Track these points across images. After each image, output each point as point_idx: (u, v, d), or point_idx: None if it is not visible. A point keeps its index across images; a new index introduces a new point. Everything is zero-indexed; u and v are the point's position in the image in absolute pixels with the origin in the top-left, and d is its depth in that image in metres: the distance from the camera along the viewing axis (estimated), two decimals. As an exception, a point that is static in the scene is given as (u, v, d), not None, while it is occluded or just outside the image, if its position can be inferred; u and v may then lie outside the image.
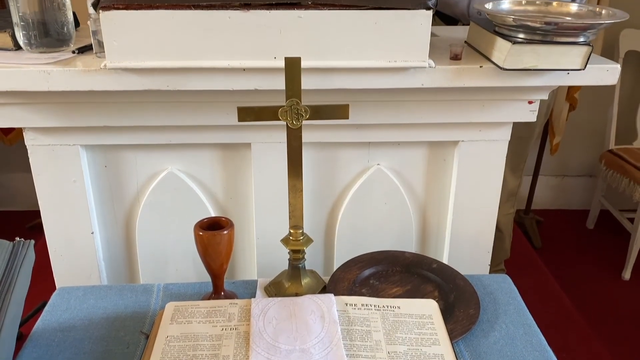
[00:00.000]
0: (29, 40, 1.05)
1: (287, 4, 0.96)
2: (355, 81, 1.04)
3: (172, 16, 0.94)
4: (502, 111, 1.15)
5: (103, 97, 1.05)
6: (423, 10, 0.98)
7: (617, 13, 1.01)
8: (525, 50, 0.99)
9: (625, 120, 2.56)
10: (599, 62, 1.07)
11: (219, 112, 1.11)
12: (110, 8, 0.93)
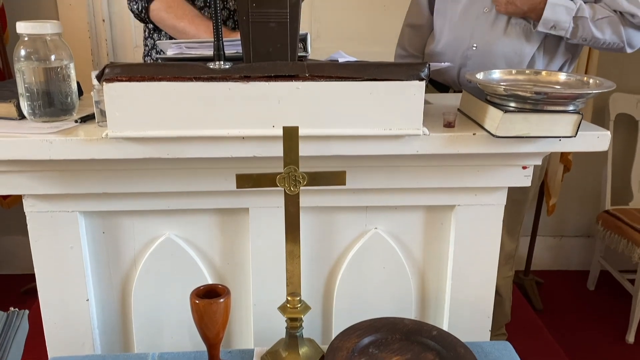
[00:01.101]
0: (33, 110, 1.08)
1: (285, 76, 1.00)
2: (352, 148, 1.06)
3: (174, 87, 0.97)
4: (496, 176, 1.17)
5: (103, 165, 1.07)
6: (416, 82, 1.01)
7: (604, 83, 1.05)
8: (517, 118, 1.02)
9: (620, 180, 2.59)
10: (590, 129, 1.09)
11: (217, 178, 1.12)
12: (114, 80, 0.96)
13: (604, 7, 1.46)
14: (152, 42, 1.55)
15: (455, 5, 1.58)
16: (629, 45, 1.51)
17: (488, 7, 1.52)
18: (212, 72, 0.99)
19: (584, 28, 1.45)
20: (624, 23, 1.46)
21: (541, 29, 1.46)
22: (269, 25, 1.00)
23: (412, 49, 1.78)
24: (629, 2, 1.45)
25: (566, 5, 1.44)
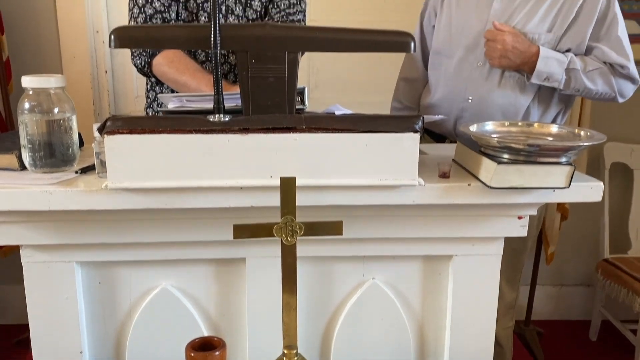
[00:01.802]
0: (34, 161, 1.09)
1: (283, 128, 1.02)
2: (349, 198, 1.07)
3: (174, 140, 0.99)
4: (492, 226, 1.17)
5: (102, 215, 1.08)
6: (411, 134, 1.03)
7: (595, 135, 1.07)
8: (511, 170, 1.03)
9: (617, 228, 2.60)
10: (583, 180, 1.11)
11: (214, 228, 1.13)
12: (115, 132, 0.98)
13: (594, 59, 1.51)
14: (154, 95, 1.59)
15: (449, 59, 1.63)
16: (620, 95, 1.54)
17: (481, 61, 1.57)
18: (212, 125, 1.01)
19: (577, 79, 1.49)
20: (615, 74, 1.51)
21: (535, 80, 1.50)
22: (268, 80, 1.03)
23: (407, 102, 1.82)
24: (618, 54, 1.50)
25: (558, 58, 1.48)
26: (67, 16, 2.33)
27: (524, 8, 1.52)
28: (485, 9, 1.56)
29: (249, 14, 1.51)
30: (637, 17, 2.42)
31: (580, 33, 1.50)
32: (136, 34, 1.03)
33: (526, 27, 1.51)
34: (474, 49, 1.58)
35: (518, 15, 1.52)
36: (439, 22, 1.67)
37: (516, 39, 1.48)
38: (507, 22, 1.52)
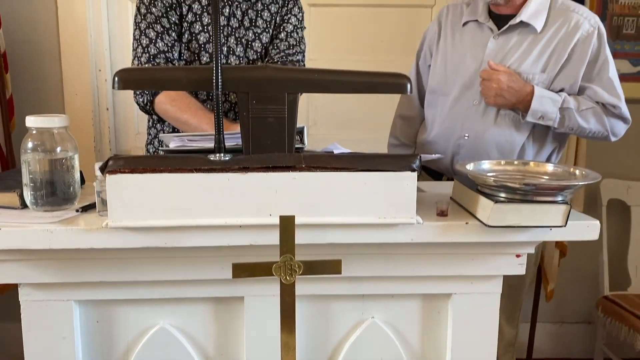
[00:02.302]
0: (35, 200, 1.10)
1: (282, 167, 1.03)
2: (348, 236, 1.08)
3: (174, 179, 1.01)
4: (491, 264, 1.18)
5: (102, 254, 1.08)
6: (408, 172, 1.05)
7: (590, 174, 1.09)
8: (508, 208, 1.04)
9: (617, 265, 2.59)
10: (580, 219, 1.12)
11: (213, 266, 1.13)
12: (117, 172, 0.99)
13: (587, 99, 1.54)
14: (155, 132, 1.61)
15: (445, 98, 1.66)
16: (613, 134, 1.57)
17: (477, 99, 1.60)
18: (212, 164, 1.02)
19: (570, 118, 1.52)
20: (607, 113, 1.54)
21: (530, 119, 1.53)
22: (268, 120, 1.05)
23: (404, 139, 1.85)
24: (610, 95, 1.53)
25: (552, 97, 1.52)
26: (70, 55, 2.38)
27: (518, 49, 1.56)
28: (480, 49, 1.60)
29: (249, 55, 1.55)
30: (629, 56, 2.48)
31: (573, 74, 1.54)
32: (139, 76, 1.05)
33: (521, 67, 1.55)
34: (470, 88, 1.61)
35: (513, 55, 1.56)
36: (434, 61, 1.71)
37: (511, 79, 1.51)
38: (502, 62, 1.56)
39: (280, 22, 1.57)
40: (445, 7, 1.72)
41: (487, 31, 1.60)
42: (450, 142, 1.65)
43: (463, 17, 1.65)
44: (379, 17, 2.53)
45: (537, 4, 1.55)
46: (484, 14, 1.61)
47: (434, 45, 1.71)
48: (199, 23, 1.49)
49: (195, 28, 1.49)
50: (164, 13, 1.47)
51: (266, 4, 1.56)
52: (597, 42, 1.54)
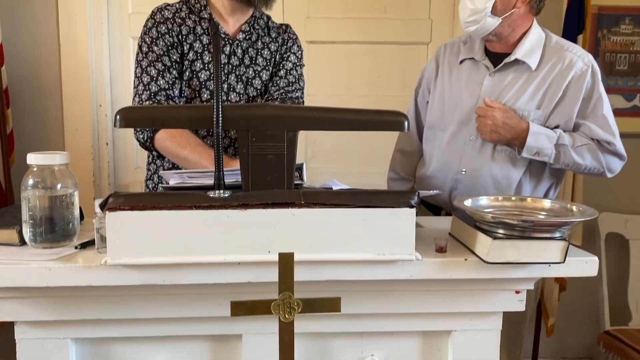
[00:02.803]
0: (34, 237, 1.10)
1: (281, 204, 1.04)
2: (346, 273, 1.08)
3: (174, 216, 1.01)
4: (490, 301, 1.17)
5: (99, 291, 1.07)
6: (407, 209, 1.05)
7: (587, 210, 1.09)
8: (506, 245, 1.05)
9: (617, 299, 2.57)
10: (578, 255, 1.12)
11: (211, 304, 1.12)
12: (117, 209, 1.00)
13: (582, 136, 1.56)
14: (154, 167, 1.62)
15: (443, 133, 1.68)
16: (609, 170, 1.58)
17: (474, 135, 1.62)
18: (212, 201, 1.03)
19: (566, 154, 1.54)
20: (602, 150, 1.55)
21: (525, 155, 1.55)
22: (267, 157, 1.06)
23: (404, 173, 1.86)
24: (604, 132, 1.55)
25: (547, 134, 1.53)
26: (71, 91, 2.41)
27: (513, 86, 1.59)
28: (476, 86, 1.63)
29: (250, 92, 1.57)
30: (622, 92, 2.52)
31: (568, 111, 1.56)
32: (140, 115, 1.07)
33: (516, 104, 1.57)
34: (467, 124, 1.63)
35: (508, 92, 1.59)
36: (432, 97, 1.74)
37: (506, 115, 1.53)
38: (498, 99, 1.58)
39: (280, 60, 1.60)
40: (443, 46, 1.76)
41: (483, 69, 1.63)
42: (448, 177, 1.67)
43: (460, 55, 1.68)
44: (375, 54, 2.58)
45: (531, 42, 1.58)
46: (480, 52, 1.64)
47: (432, 82, 1.74)
48: (200, 61, 1.52)
49: (196, 66, 1.52)
50: (166, 51, 1.50)
51: (266, 43, 1.59)
52: (591, 80, 1.57)
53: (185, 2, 1.57)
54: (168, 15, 1.53)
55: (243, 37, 1.56)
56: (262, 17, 1.62)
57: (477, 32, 1.56)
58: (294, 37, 1.65)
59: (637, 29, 2.48)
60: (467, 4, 1.53)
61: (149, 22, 1.54)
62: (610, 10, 2.46)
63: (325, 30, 2.55)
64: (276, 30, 1.63)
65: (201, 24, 1.55)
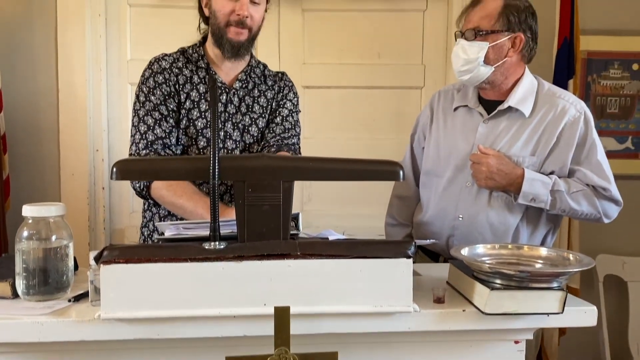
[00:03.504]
0: (27, 290, 1.09)
1: (277, 255, 1.03)
2: (343, 326, 1.06)
3: (169, 269, 1.00)
4: (489, 352, 1.15)
5: (92, 345, 1.05)
6: (404, 259, 1.05)
7: (584, 259, 1.09)
8: (504, 295, 1.04)
9: (617, 341, 2.54)
10: (577, 304, 1.12)
11: (206, 358, 1.10)
12: (111, 262, 0.99)
13: (577, 182, 1.57)
14: (150, 215, 1.61)
15: (439, 179, 1.69)
16: (605, 216, 1.59)
17: (470, 181, 1.62)
18: (207, 253, 1.02)
19: (562, 200, 1.54)
20: (598, 196, 1.56)
21: (521, 201, 1.55)
22: (263, 207, 1.07)
23: (401, 219, 1.85)
24: (599, 177, 1.56)
25: (542, 180, 1.54)
26: (69, 136, 2.42)
27: (507, 133, 1.61)
28: (471, 133, 1.65)
29: (246, 139, 1.59)
30: (614, 134, 2.55)
31: (562, 157, 1.58)
32: (137, 167, 1.07)
33: (510, 150, 1.58)
34: (462, 170, 1.64)
35: (502, 139, 1.60)
36: (428, 144, 1.75)
37: (501, 162, 1.54)
38: (492, 146, 1.60)
39: (276, 107, 1.62)
40: (437, 93, 1.79)
41: (477, 116, 1.65)
42: (445, 223, 1.67)
43: (454, 103, 1.71)
44: (370, 98, 2.62)
45: (524, 90, 1.61)
46: (474, 100, 1.66)
47: (427, 129, 1.76)
48: (197, 109, 1.54)
49: (193, 114, 1.54)
50: (162, 101, 1.52)
51: (263, 90, 1.62)
52: (584, 126, 1.59)
53: (183, 53, 1.60)
54: (165, 66, 1.56)
55: (240, 86, 1.59)
56: (258, 66, 1.65)
57: (471, 80, 1.59)
58: (290, 85, 1.68)
59: (626, 73, 2.53)
60: (460, 53, 1.57)
61: (147, 72, 1.56)
62: (599, 56, 2.52)
63: (321, 76, 2.59)
64: (272, 78, 1.65)
65: (198, 73, 1.57)
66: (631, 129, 2.56)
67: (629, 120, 2.56)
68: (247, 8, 1.48)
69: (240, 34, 1.50)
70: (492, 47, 1.54)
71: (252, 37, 1.54)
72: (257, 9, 1.52)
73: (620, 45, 2.50)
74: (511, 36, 1.56)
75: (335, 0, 2.51)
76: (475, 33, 1.55)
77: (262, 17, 1.55)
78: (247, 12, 1.48)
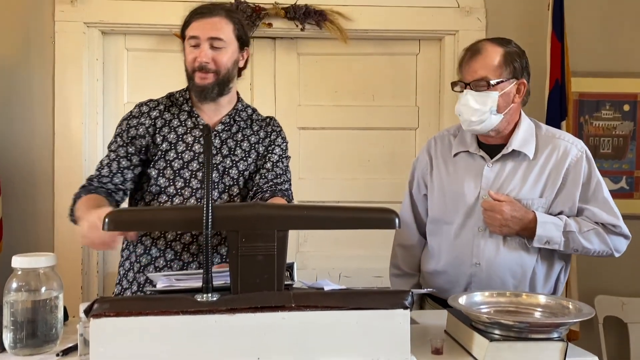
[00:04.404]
0: (15, 343, 1.06)
1: (271, 307, 1.01)
2: (339, 378, 1.04)
3: (160, 322, 0.98)
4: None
5: (80, 402, 1.02)
6: (400, 310, 1.03)
7: (584, 309, 1.08)
8: (503, 347, 1.02)
9: (620, 385, 2.49)
10: (578, 355, 1.09)
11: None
12: (102, 315, 0.97)
13: (587, 220, 1.57)
14: (127, 253, 1.60)
15: (449, 226, 1.65)
16: (617, 251, 1.59)
17: (482, 226, 1.60)
18: (199, 305, 1.00)
19: (574, 240, 1.54)
20: (608, 232, 1.56)
21: (536, 244, 1.55)
22: (257, 258, 1.05)
23: (407, 268, 1.80)
24: (609, 214, 1.56)
25: (554, 222, 1.54)
26: (64, 180, 2.41)
27: (514, 175, 1.61)
28: (476, 177, 1.63)
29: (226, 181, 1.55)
30: (609, 174, 2.56)
31: (570, 197, 1.58)
32: (129, 218, 1.06)
33: (520, 193, 1.58)
34: (472, 215, 1.62)
35: (510, 182, 1.60)
36: (431, 192, 1.72)
37: (513, 208, 1.54)
38: (500, 189, 1.59)
39: (264, 152, 1.62)
40: (433, 139, 1.78)
41: (479, 160, 1.65)
42: (461, 271, 1.63)
43: (453, 149, 1.70)
44: (364, 139, 2.63)
45: (524, 132, 1.62)
46: (474, 145, 1.66)
47: (428, 176, 1.73)
48: (174, 151, 1.56)
49: (170, 155, 1.55)
50: (127, 143, 1.56)
51: (247, 135, 1.62)
52: (587, 165, 1.60)
53: (169, 97, 1.64)
54: (144, 110, 1.60)
55: (222, 128, 1.60)
56: (245, 110, 1.66)
57: (482, 130, 1.59)
58: (278, 130, 1.68)
59: (618, 113, 2.56)
60: (472, 104, 1.55)
61: (126, 114, 1.62)
62: (591, 97, 2.55)
63: (316, 117, 2.61)
64: (259, 123, 1.65)
65: (179, 117, 1.59)
66: (625, 168, 2.58)
67: (623, 160, 2.57)
68: (207, 54, 1.52)
69: (204, 78, 1.53)
70: (501, 96, 1.56)
71: (223, 80, 1.55)
72: (221, 52, 1.53)
73: (611, 87, 2.54)
74: (516, 82, 1.58)
75: (329, 45, 2.55)
76: (487, 84, 1.55)
77: (231, 58, 1.56)
78: (206, 58, 1.52)
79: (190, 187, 1.52)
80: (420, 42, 2.61)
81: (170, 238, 1.51)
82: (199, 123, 1.57)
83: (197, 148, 1.55)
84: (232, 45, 1.55)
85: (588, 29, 2.54)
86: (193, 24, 1.53)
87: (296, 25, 2.46)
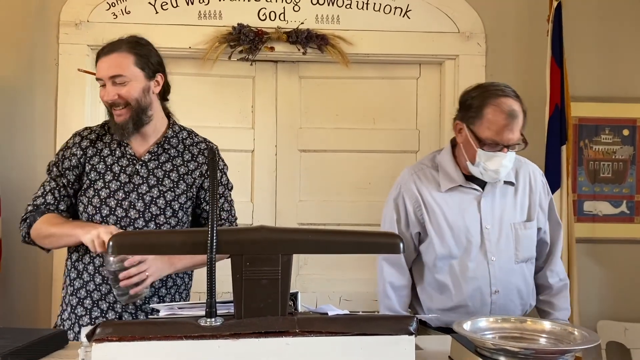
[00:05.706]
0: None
1: (275, 332, 1.00)
2: (343, 405, 1.02)
3: (163, 347, 0.97)
4: None
5: None
6: (405, 336, 1.02)
7: (590, 336, 1.07)
8: (509, 374, 1.01)
9: (624, 413, 2.46)
10: (583, 382, 1.08)
11: None
12: (104, 340, 0.96)
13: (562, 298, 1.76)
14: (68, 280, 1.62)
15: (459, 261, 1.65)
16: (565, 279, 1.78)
17: (494, 255, 1.64)
18: (203, 330, 0.99)
19: None
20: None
21: None
22: (261, 282, 1.04)
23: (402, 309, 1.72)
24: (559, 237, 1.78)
25: None
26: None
27: (506, 202, 1.68)
28: (473, 209, 1.66)
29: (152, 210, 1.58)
30: (609, 198, 2.56)
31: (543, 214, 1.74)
32: (134, 241, 1.06)
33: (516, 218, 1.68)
34: (481, 247, 1.65)
35: (506, 210, 1.68)
36: (431, 231, 1.68)
37: None
38: (501, 218, 1.66)
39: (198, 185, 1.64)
40: (414, 174, 1.72)
41: (471, 192, 1.67)
42: (483, 301, 1.65)
43: (442, 185, 1.69)
44: (365, 162, 2.64)
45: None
46: (462, 179, 1.67)
47: (421, 214, 1.70)
48: (102, 180, 1.58)
49: (98, 185, 1.58)
50: (62, 173, 1.60)
51: (176, 165, 1.62)
52: (546, 186, 1.77)
53: (103, 126, 1.66)
54: (77, 141, 1.62)
55: (149, 158, 1.60)
56: (177, 135, 1.66)
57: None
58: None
59: (617, 138, 2.58)
60: (507, 164, 1.61)
61: (63, 144, 1.66)
62: (590, 122, 2.57)
63: (317, 140, 2.62)
64: (192, 150, 1.65)
65: (110, 146, 1.61)
66: (625, 193, 2.58)
67: (623, 184, 2.58)
68: (109, 93, 1.54)
69: (119, 115, 1.55)
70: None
71: (137, 111, 1.55)
72: (125, 87, 1.53)
73: (610, 112, 2.56)
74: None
75: (330, 68, 2.57)
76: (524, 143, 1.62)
77: (137, 89, 1.55)
78: (110, 97, 1.54)
79: (115, 215, 1.55)
80: (420, 66, 2.64)
81: (97, 264, 1.56)
82: (127, 153, 1.60)
83: (122, 178, 1.58)
84: (136, 77, 1.56)
85: (587, 55, 2.57)
86: (97, 65, 1.57)
87: (298, 49, 2.48)
